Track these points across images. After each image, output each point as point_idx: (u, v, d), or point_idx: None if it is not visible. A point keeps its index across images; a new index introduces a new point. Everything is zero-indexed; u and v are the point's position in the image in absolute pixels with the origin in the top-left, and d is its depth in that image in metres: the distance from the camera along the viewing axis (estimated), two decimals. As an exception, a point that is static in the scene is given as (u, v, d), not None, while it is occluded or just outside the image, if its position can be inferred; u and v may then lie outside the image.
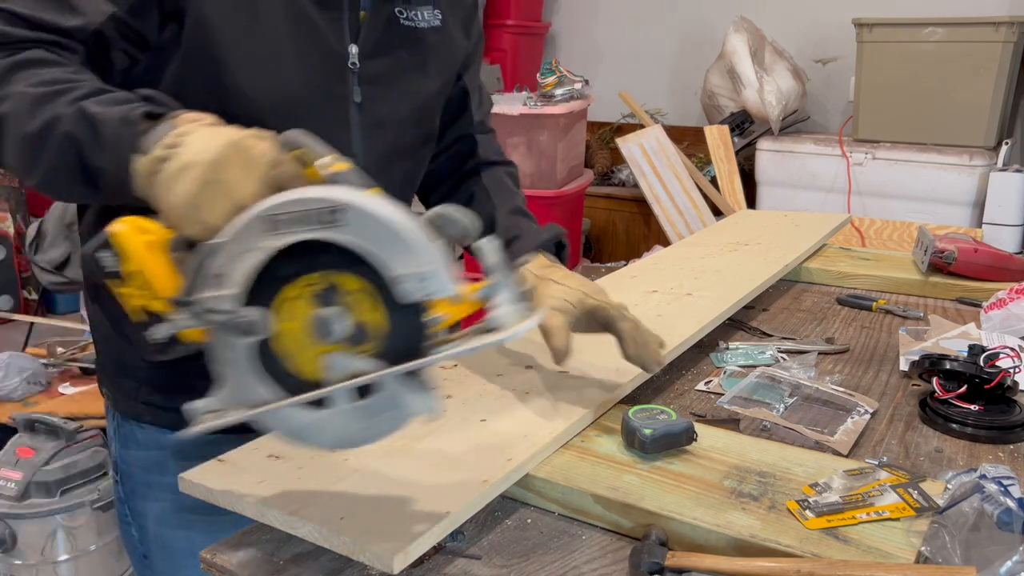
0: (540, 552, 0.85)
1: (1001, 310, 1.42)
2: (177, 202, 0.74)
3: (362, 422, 0.73)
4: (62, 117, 0.81)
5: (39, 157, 0.83)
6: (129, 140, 0.78)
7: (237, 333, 0.71)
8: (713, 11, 4.51)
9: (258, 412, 0.73)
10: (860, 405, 1.17)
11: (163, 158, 0.76)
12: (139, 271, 0.74)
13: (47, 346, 2.72)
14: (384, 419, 0.73)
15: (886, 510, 0.85)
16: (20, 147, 0.83)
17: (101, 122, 0.80)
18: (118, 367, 1.13)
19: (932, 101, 3.57)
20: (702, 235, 2.06)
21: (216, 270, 0.70)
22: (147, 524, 1.17)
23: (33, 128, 0.82)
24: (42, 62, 0.86)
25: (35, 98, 0.83)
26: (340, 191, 0.69)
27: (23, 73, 0.85)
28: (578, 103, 3.83)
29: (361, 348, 0.71)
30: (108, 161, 0.79)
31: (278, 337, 0.72)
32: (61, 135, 0.81)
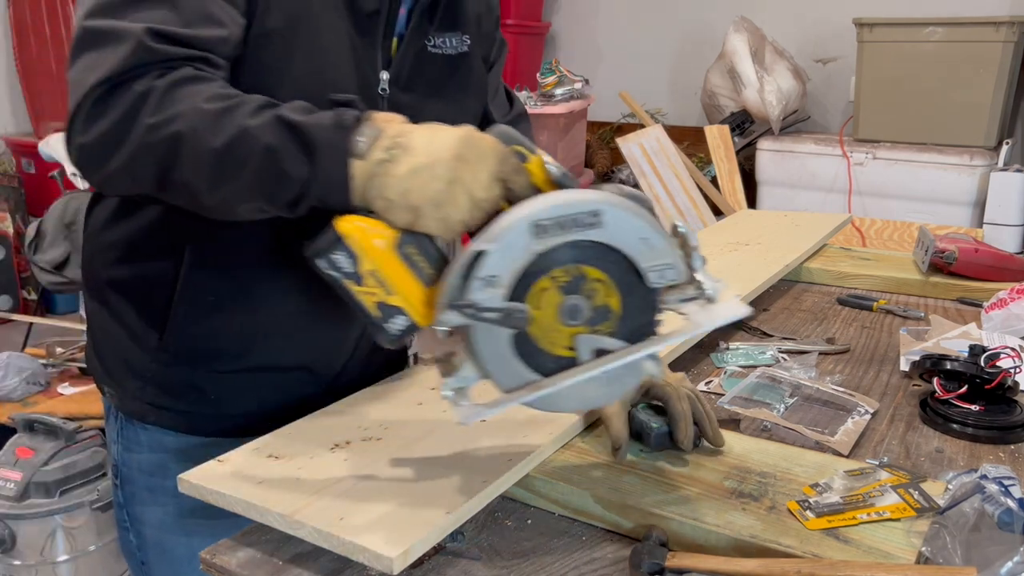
0: (540, 553, 0.85)
1: (1002, 310, 1.41)
2: (419, 201, 0.76)
3: (604, 387, 0.82)
4: (252, 129, 0.80)
5: (229, 171, 0.81)
6: (345, 145, 0.78)
7: (506, 327, 0.77)
8: (713, 11, 4.51)
9: (542, 393, 0.79)
10: (860, 405, 1.16)
11: (386, 160, 0.78)
12: (375, 270, 0.77)
13: (46, 346, 2.72)
14: (621, 383, 0.83)
15: (887, 510, 0.85)
16: (205, 163, 0.82)
17: (309, 130, 0.79)
18: (124, 367, 1.11)
19: (932, 101, 3.56)
20: (702, 235, 2.06)
21: (488, 272, 0.75)
22: (145, 530, 1.16)
23: (220, 143, 0.80)
24: (198, 79, 0.85)
25: (214, 114, 0.81)
26: (595, 195, 0.76)
27: (185, 90, 0.83)
28: (578, 103, 3.83)
29: (600, 328, 0.79)
30: (320, 168, 0.79)
31: (531, 324, 0.78)
32: (259, 147, 0.80)
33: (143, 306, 1.08)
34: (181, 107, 0.82)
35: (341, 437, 1.00)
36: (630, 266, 0.79)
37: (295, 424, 1.04)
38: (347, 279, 0.77)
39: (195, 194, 0.85)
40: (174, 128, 0.82)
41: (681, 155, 3.89)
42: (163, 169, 0.84)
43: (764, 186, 3.97)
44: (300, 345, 1.11)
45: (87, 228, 1.15)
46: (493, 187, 0.78)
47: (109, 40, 0.85)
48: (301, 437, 1.00)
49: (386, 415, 1.06)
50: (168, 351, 1.07)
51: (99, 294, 1.13)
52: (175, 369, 1.09)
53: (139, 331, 1.08)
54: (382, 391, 1.14)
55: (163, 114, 0.82)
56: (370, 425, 1.03)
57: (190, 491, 0.91)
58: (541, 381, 0.80)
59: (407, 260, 0.78)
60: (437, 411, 1.07)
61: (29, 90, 4.63)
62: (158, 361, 1.08)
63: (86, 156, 0.87)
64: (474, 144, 0.78)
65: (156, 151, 0.83)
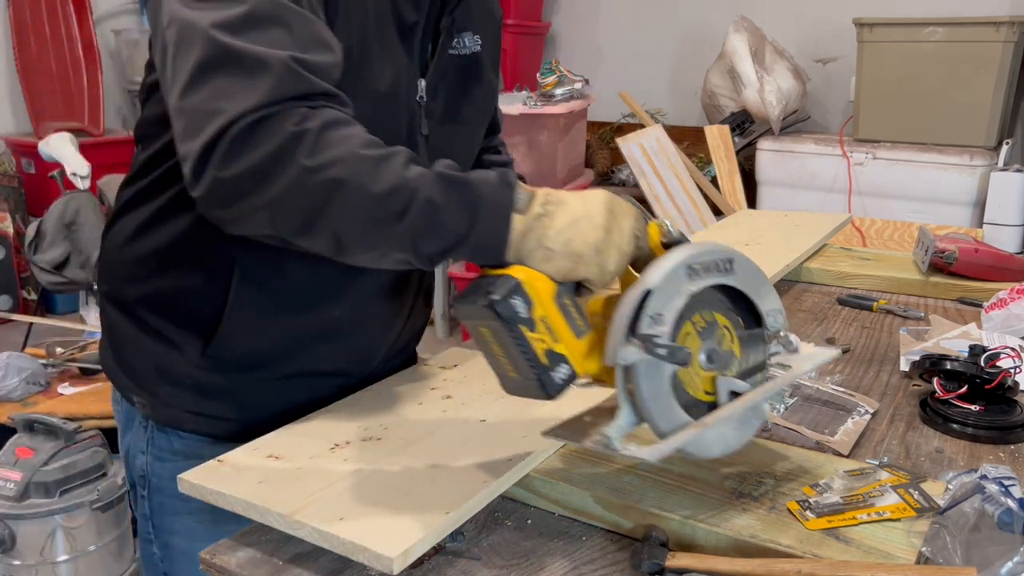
0: (540, 553, 0.85)
1: (1002, 310, 1.41)
2: (582, 248, 0.82)
3: (738, 430, 0.87)
4: (412, 181, 0.82)
5: (387, 220, 0.82)
6: (510, 200, 0.82)
7: (674, 363, 0.81)
8: (713, 11, 4.51)
9: (697, 433, 0.82)
10: (861, 405, 1.16)
11: (543, 214, 0.83)
12: (545, 316, 0.81)
13: (46, 346, 2.71)
14: (750, 425, 0.89)
15: (887, 510, 0.85)
16: (363, 210, 0.82)
17: (475, 186, 0.83)
18: (156, 374, 1.09)
19: (932, 101, 3.56)
20: (702, 235, 2.06)
21: (655, 311, 0.80)
22: (174, 540, 1.13)
23: (380, 191, 0.81)
24: (346, 122, 0.84)
25: (372, 161, 0.82)
26: (724, 246, 0.86)
27: (339, 133, 0.83)
28: (578, 103, 3.83)
29: (727, 372, 0.87)
30: (482, 222, 0.82)
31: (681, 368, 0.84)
32: (420, 199, 0.81)
33: (185, 318, 1.06)
34: (339, 152, 0.81)
35: (341, 437, 1.00)
36: (747, 315, 0.89)
37: (295, 425, 1.04)
38: (523, 324, 0.79)
39: (341, 240, 0.84)
40: (334, 173, 0.81)
41: (681, 155, 3.89)
42: (314, 212, 0.82)
43: (764, 186, 3.97)
44: (341, 350, 1.13)
45: (109, 239, 1.13)
46: (632, 242, 0.85)
47: (253, 66, 0.82)
48: (301, 437, 1.00)
49: (386, 415, 1.06)
50: (211, 358, 1.06)
51: (128, 308, 1.10)
52: (215, 375, 1.08)
53: (179, 341, 1.07)
54: (382, 391, 1.15)
55: (321, 157, 0.81)
56: (370, 425, 1.03)
57: (190, 491, 0.91)
58: (696, 422, 0.84)
59: (563, 311, 0.82)
60: (437, 411, 1.07)
61: (29, 90, 4.64)
62: (200, 367, 1.07)
63: (222, 190, 0.83)
64: (617, 202, 0.86)
65: (311, 194, 0.82)
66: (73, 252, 3.38)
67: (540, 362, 0.80)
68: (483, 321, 0.81)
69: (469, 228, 0.82)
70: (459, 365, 1.24)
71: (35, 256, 3.34)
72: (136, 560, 2.10)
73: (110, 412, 2.25)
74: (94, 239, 3.37)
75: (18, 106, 4.69)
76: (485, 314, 0.79)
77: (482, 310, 0.79)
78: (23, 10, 4.58)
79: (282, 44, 0.83)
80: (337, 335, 1.12)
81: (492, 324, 0.80)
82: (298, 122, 0.81)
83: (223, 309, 1.04)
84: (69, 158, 3.40)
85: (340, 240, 0.84)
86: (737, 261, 0.87)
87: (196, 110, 0.82)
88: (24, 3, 4.58)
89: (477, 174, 0.84)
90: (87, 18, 4.66)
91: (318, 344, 1.11)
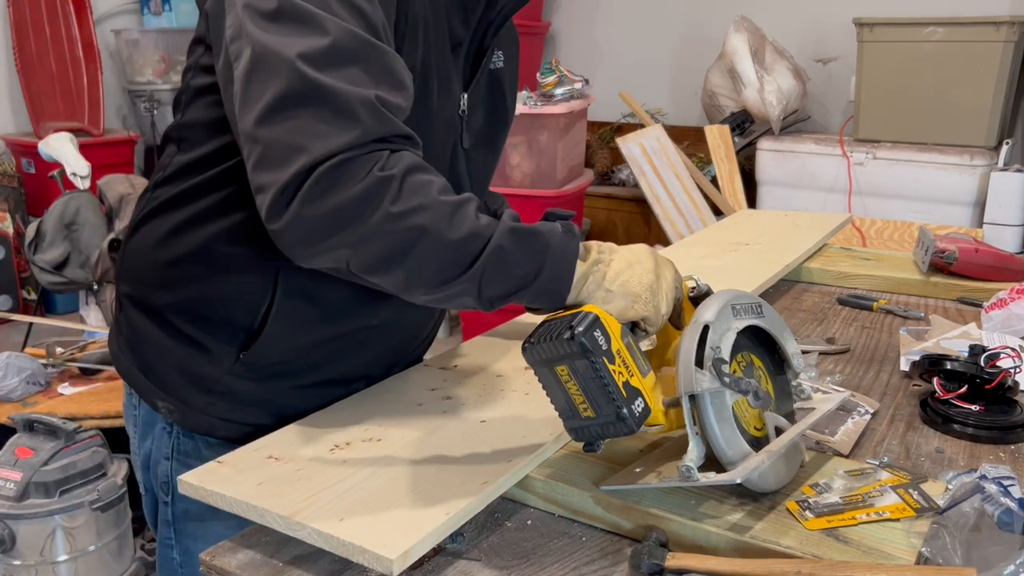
0: (540, 553, 0.85)
1: (1002, 310, 1.41)
2: (638, 289, 0.90)
3: (787, 465, 0.91)
4: (483, 229, 0.86)
5: (459, 265, 0.86)
6: (575, 248, 0.90)
7: (739, 391, 0.85)
8: (713, 11, 4.51)
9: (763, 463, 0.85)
10: (861, 405, 1.16)
11: (600, 261, 0.91)
12: (620, 350, 0.84)
13: (46, 346, 2.71)
14: (793, 461, 0.93)
15: (886, 511, 0.85)
16: (440, 256, 0.85)
17: (543, 235, 0.89)
18: (186, 381, 1.08)
19: (932, 101, 3.56)
20: (703, 235, 2.06)
21: (714, 343, 0.87)
22: (196, 546, 1.09)
23: (457, 237, 0.85)
24: (425, 168, 0.87)
25: (450, 208, 0.85)
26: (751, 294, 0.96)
27: (420, 179, 0.85)
28: (578, 103, 3.82)
29: (767, 409, 0.92)
30: (549, 267, 0.88)
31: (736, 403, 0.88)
32: (492, 246, 0.86)
33: (222, 325, 1.05)
34: (421, 198, 0.84)
35: (341, 437, 1.00)
36: (773, 358, 0.97)
37: (295, 425, 1.04)
38: (605, 356, 0.82)
39: (413, 281, 0.87)
40: (417, 220, 0.84)
41: (681, 155, 3.89)
42: (393, 255, 0.85)
43: (764, 186, 3.97)
44: (373, 356, 1.15)
45: (136, 241, 1.10)
46: (676, 288, 0.95)
47: (341, 105, 0.82)
48: (301, 437, 1.00)
49: (386, 415, 1.06)
50: (245, 365, 1.06)
51: (156, 314, 1.08)
52: (247, 382, 1.07)
53: (212, 347, 1.06)
54: (382, 391, 1.15)
55: (406, 204, 0.83)
56: (370, 425, 1.03)
57: (190, 492, 0.91)
58: (765, 448, 0.88)
59: (630, 348, 0.86)
60: (437, 411, 1.07)
61: (29, 90, 4.63)
62: (231, 374, 1.06)
63: (305, 227, 0.83)
64: (659, 254, 0.95)
65: (394, 238, 0.84)
66: (73, 252, 3.38)
67: (621, 395, 0.82)
68: (562, 359, 0.83)
69: (536, 274, 0.88)
70: (459, 365, 1.24)
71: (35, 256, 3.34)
72: (136, 560, 2.10)
73: (110, 412, 2.26)
74: (94, 239, 3.37)
75: (18, 106, 4.69)
76: (567, 349, 0.82)
77: (565, 345, 0.82)
78: (23, 10, 4.58)
79: (363, 82, 0.84)
80: (370, 343, 1.13)
81: (573, 360, 0.82)
82: (383, 167, 0.83)
83: (265, 318, 1.03)
84: (69, 158, 3.40)
85: (411, 281, 0.87)
86: (765, 306, 0.96)
87: (277, 142, 0.82)
88: (24, 3, 4.57)
89: (545, 225, 0.91)
90: (87, 18, 4.65)
91: (353, 351, 1.12)
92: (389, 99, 0.85)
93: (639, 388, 0.84)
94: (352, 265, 0.86)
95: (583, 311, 0.84)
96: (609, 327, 0.84)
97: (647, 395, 0.85)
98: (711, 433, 0.85)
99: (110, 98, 4.85)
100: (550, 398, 0.87)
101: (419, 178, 0.85)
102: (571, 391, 0.84)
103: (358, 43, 0.85)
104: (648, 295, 0.90)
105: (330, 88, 0.82)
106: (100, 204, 3.44)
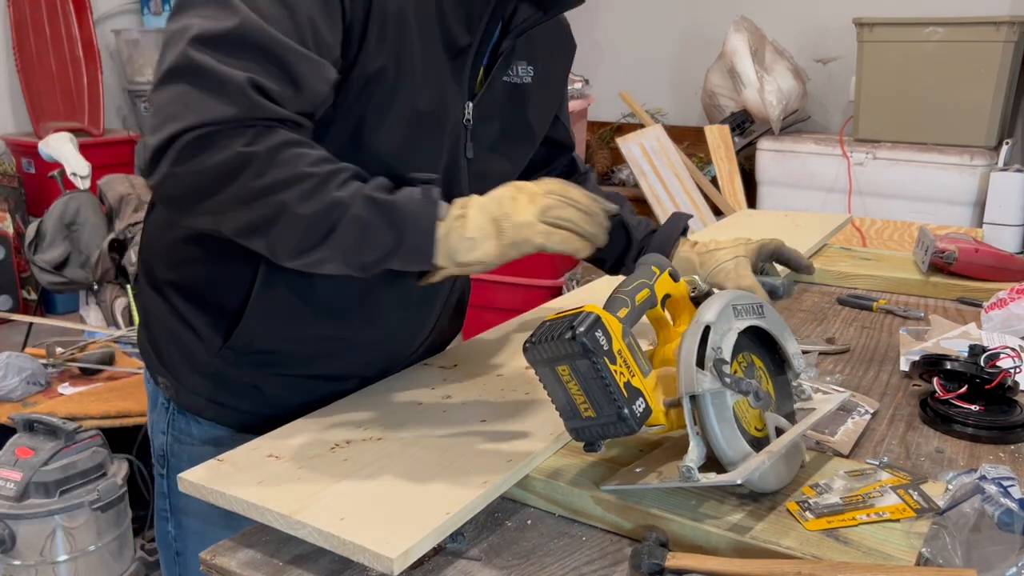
0: (540, 554, 0.85)
1: (1002, 310, 1.41)
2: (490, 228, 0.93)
3: (787, 465, 0.91)
4: (343, 201, 0.90)
5: (317, 240, 0.91)
6: (432, 214, 0.93)
7: (740, 392, 0.85)
8: (713, 11, 4.51)
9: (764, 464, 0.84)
10: (861, 405, 1.16)
11: (460, 215, 0.94)
12: (621, 349, 0.84)
13: (46, 346, 2.71)
14: (793, 461, 0.92)
15: (886, 511, 0.85)
16: (297, 230, 0.90)
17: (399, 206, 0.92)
18: (184, 361, 1.13)
19: (932, 101, 3.56)
20: (702, 235, 2.06)
21: (715, 344, 0.87)
22: (187, 520, 1.16)
23: (311, 212, 0.89)
24: (295, 143, 0.90)
25: (315, 181, 0.89)
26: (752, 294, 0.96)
27: (286, 154, 0.89)
28: (578, 103, 3.82)
29: (768, 410, 0.92)
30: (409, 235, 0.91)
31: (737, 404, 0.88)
32: (348, 219, 0.90)
33: (209, 307, 1.10)
34: (287, 173, 0.88)
35: (341, 437, 1.00)
36: (774, 358, 0.97)
37: (295, 424, 1.04)
38: (607, 356, 0.82)
39: (275, 250, 0.93)
40: (276, 195, 0.88)
41: (681, 155, 3.89)
42: (253, 226, 0.91)
43: (764, 186, 3.98)
44: (362, 358, 1.16)
45: (149, 223, 1.17)
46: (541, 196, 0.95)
47: (212, 83, 0.87)
48: (301, 436, 1.00)
49: (386, 415, 1.06)
50: (234, 351, 1.09)
51: (159, 288, 1.14)
52: (237, 369, 1.11)
53: (202, 330, 1.10)
54: (382, 391, 1.15)
55: (269, 178, 0.88)
56: (370, 424, 1.03)
57: (190, 490, 0.91)
58: (766, 448, 0.87)
59: (631, 348, 0.85)
60: (437, 411, 1.07)
61: (29, 90, 4.64)
62: (222, 359, 1.10)
63: (171, 185, 0.90)
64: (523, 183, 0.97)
65: (253, 212, 0.89)
66: (73, 252, 3.38)
67: (623, 395, 0.82)
68: (563, 359, 0.83)
69: (398, 243, 0.92)
70: (459, 365, 1.24)
71: (35, 256, 3.34)
72: (136, 560, 2.10)
73: (110, 412, 2.26)
74: (94, 239, 3.37)
75: (18, 106, 4.69)
76: (568, 349, 0.81)
77: (566, 345, 0.81)
78: (23, 10, 4.58)
79: (244, 67, 0.88)
80: (357, 344, 1.14)
81: (575, 360, 0.82)
82: (248, 143, 0.88)
83: (246, 303, 1.06)
84: (69, 158, 3.41)
85: (274, 250, 0.93)
86: (766, 306, 0.96)
87: (160, 108, 0.89)
88: (24, 3, 4.57)
89: (403, 193, 0.93)
90: (87, 18, 4.65)
91: (339, 351, 1.13)
92: (269, 87, 0.89)
93: (640, 388, 0.84)
94: (220, 230, 0.93)
95: (584, 311, 0.84)
96: (610, 327, 0.83)
97: (648, 395, 0.85)
98: (712, 433, 0.85)
99: (110, 98, 4.86)
100: (551, 398, 0.87)
101: (289, 153, 0.89)
102: (572, 391, 0.84)
103: (261, 35, 0.89)
104: (507, 224, 0.92)
105: (207, 67, 0.87)
106: (100, 204, 3.44)
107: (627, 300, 0.90)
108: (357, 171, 0.94)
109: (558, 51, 1.25)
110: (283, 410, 1.09)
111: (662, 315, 0.96)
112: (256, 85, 0.88)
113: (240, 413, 1.13)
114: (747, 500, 0.87)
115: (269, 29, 0.89)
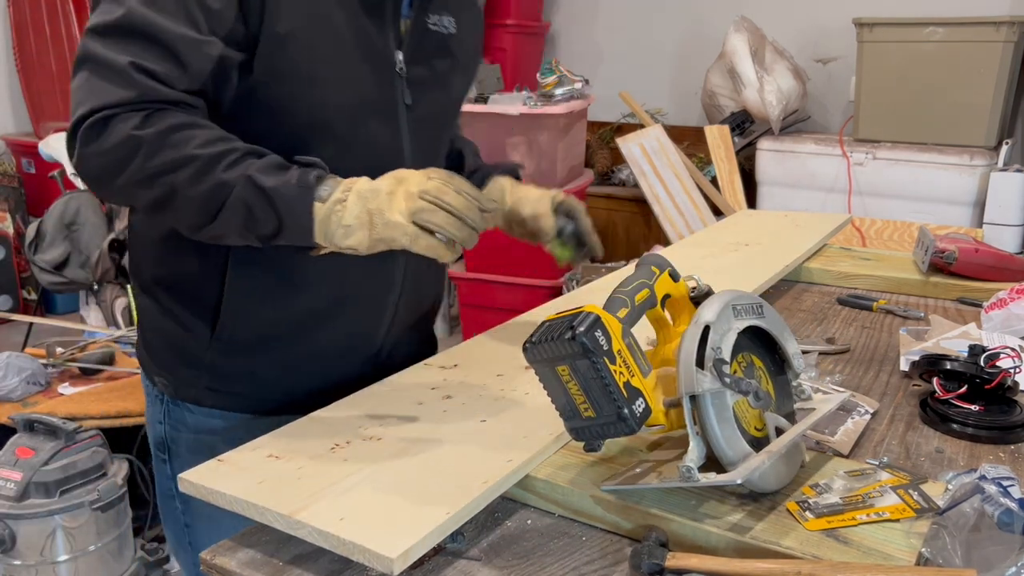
0: (540, 553, 0.85)
1: (1002, 310, 1.41)
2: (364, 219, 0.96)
3: (787, 465, 0.91)
4: (229, 183, 0.96)
5: (209, 217, 0.98)
6: (309, 200, 0.97)
7: (740, 392, 0.85)
8: (713, 11, 4.51)
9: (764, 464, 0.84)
10: (861, 405, 1.16)
11: (339, 200, 0.97)
12: (620, 349, 0.84)
13: (46, 346, 2.71)
14: (793, 461, 0.92)
15: (886, 511, 0.85)
16: (192, 208, 0.98)
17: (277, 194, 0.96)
18: (176, 357, 1.19)
19: (932, 101, 3.56)
20: (702, 235, 2.06)
21: (715, 344, 0.87)
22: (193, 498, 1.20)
23: (199, 194, 0.96)
24: (187, 125, 0.97)
25: (203, 163, 0.96)
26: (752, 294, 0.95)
27: (178, 136, 0.96)
28: (578, 103, 3.82)
29: (768, 410, 0.92)
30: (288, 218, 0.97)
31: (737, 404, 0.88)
32: (234, 200, 0.96)
33: (193, 301, 1.15)
34: (176, 154, 0.95)
35: (341, 437, 1.00)
36: (773, 358, 0.97)
37: (295, 424, 1.04)
38: (606, 356, 0.82)
39: (178, 224, 1.02)
40: (168, 176, 0.96)
41: (681, 155, 3.89)
42: (155, 204, 1.00)
43: (764, 186, 3.97)
44: (341, 329, 1.19)
45: (131, 225, 1.23)
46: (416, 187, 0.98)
47: (102, 69, 0.96)
48: (301, 437, 1.00)
49: (386, 414, 1.06)
50: (222, 340, 1.14)
51: (148, 289, 1.20)
52: (229, 357, 1.16)
53: (190, 324, 1.15)
54: (382, 391, 1.15)
55: (160, 159, 0.95)
56: (370, 424, 1.03)
57: (190, 490, 0.91)
58: (766, 448, 0.87)
59: (631, 348, 0.85)
60: (437, 411, 1.07)
61: (29, 90, 4.64)
62: (212, 350, 1.15)
63: (84, 167, 1.01)
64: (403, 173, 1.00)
65: (150, 191, 0.98)
66: (73, 252, 3.39)
67: (622, 395, 0.82)
68: (563, 359, 0.83)
69: (279, 226, 0.97)
70: (459, 365, 1.24)
71: (35, 256, 3.35)
72: (136, 560, 2.10)
73: (110, 412, 2.27)
74: (94, 239, 3.37)
75: (18, 106, 4.69)
76: (568, 349, 0.81)
77: (566, 345, 0.81)
78: (23, 10, 4.58)
79: (132, 52, 0.96)
80: (331, 315, 1.18)
81: (575, 360, 0.82)
82: (139, 126, 0.95)
83: (222, 294, 1.12)
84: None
85: (177, 224, 1.02)
86: (766, 307, 0.96)
87: (72, 96, 0.98)
88: (24, 3, 4.58)
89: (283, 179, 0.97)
90: (87, 18, 4.66)
91: (316, 324, 1.17)
92: (153, 68, 0.96)
93: (640, 388, 0.84)
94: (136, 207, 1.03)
95: (584, 311, 0.84)
96: (610, 327, 0.84)
97: (648, 395, 0.85)
98: (712, 433, 0.85)
99: (110, 98, 4.85)
100: (551, 398, 0.87)
101: (178, 136, 0.95)
102: (572, 391, 0.84)
103: (143, 20, 0.96)
104: (379, 220, 0.96)
105: (97, 54, 0.96)
106: (100, 204, 3.44)
107: (627, 300, 0.90)
108: (250, 149, 0.99)
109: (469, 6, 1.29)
110: (276, 390, 1.17)
111: (662, 315, 0.96)
112: (140, 68, 0.95)
113: (237, 396, 1.18)
114: (747, 500, 0.87)
115: (151, 15, 0.96)
